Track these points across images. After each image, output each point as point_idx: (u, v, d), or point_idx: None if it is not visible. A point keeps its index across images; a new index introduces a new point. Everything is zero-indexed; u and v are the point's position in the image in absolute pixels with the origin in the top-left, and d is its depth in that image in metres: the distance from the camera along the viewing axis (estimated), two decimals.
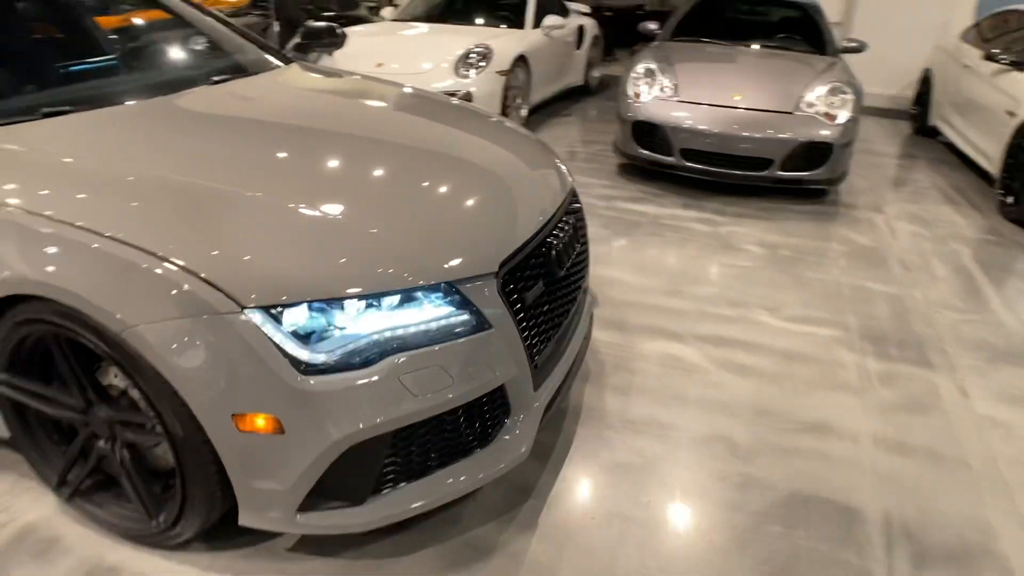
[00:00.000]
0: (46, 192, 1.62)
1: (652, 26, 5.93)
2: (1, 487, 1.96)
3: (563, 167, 2.43)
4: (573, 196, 2.35)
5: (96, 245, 1.49)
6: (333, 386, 1.49)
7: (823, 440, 2.30)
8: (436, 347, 1.61)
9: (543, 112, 6.95)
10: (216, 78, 2.48)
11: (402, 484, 1.69)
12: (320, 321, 1.51)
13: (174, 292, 1.44)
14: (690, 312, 3.10)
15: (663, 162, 4.71)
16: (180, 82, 2.43)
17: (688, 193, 4.69)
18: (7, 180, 1.65)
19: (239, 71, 2.68)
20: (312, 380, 1.48)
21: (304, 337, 1.50)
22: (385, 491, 1.66)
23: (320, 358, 1.50)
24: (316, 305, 1.50)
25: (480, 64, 5.48)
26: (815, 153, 4.41)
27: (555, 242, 2.01)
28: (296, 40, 3.42)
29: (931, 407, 2.50)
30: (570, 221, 2.18)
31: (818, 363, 2.75)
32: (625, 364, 2.68)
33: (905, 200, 4.81)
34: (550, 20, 6.42)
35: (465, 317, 1.66)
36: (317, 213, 1.65)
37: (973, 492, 2.10)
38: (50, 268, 1.51)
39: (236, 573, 1.74)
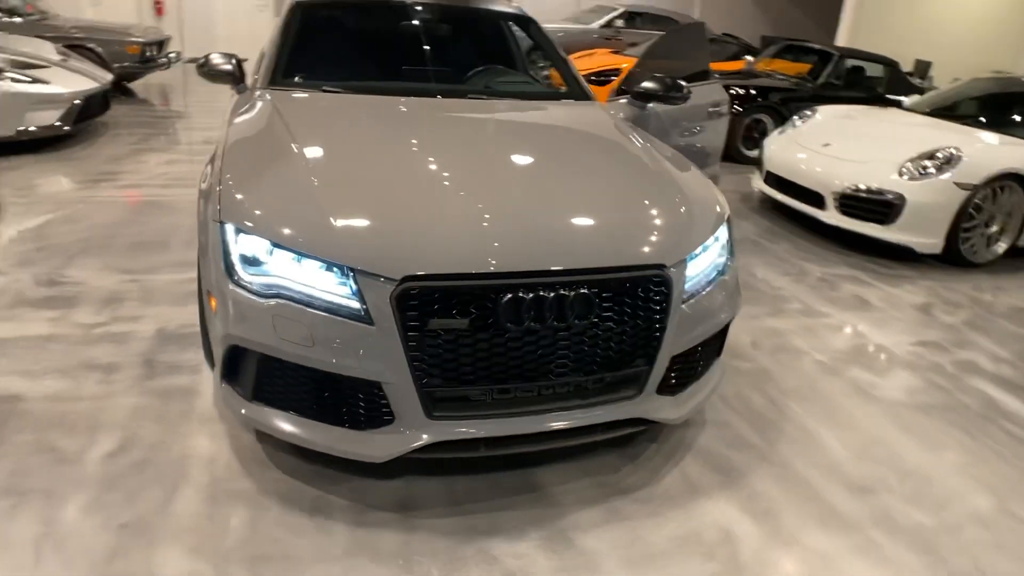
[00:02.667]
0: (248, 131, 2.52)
1: None
2: None
3: (658, 251, 2.12)
4: (646, 282, 2.05)
5: (217, 164, 2.29)
6: (239, 299, 1.95)
7: None
8: (311, 310, 1.88)
9: None
10: (474, 95, 3.09)
11: (278, 408, 2.02)
12: (258, 253, 1.96)
13: (212, 200, 2.11)
14: (846, 518, 2.21)
15: None
16: (454, 92, 3.11)
17: None
18: (313, 124, 2.61)
19: (523, 96, 3.26)
20: (233, 288, 1.96)
21: (246, 259, 1.98)
22: (265, 405, 2.03)
23: (246, 278, 1.97)
24: (262, 243, 1.95)
25: (941, 170, 4.50)
26: None
27: (524, 297, 1.89)
28: (638, 88, 3.66)
29: None
30: (586, 293, 1.94)
31: None
32: (663, 503, 2.20)
33: None
34: None
35: (353, 303, 1.87)
36: (324, 185, 2.07)
37: None
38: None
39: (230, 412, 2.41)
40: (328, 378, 1.94)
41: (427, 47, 3.56)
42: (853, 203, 4.77)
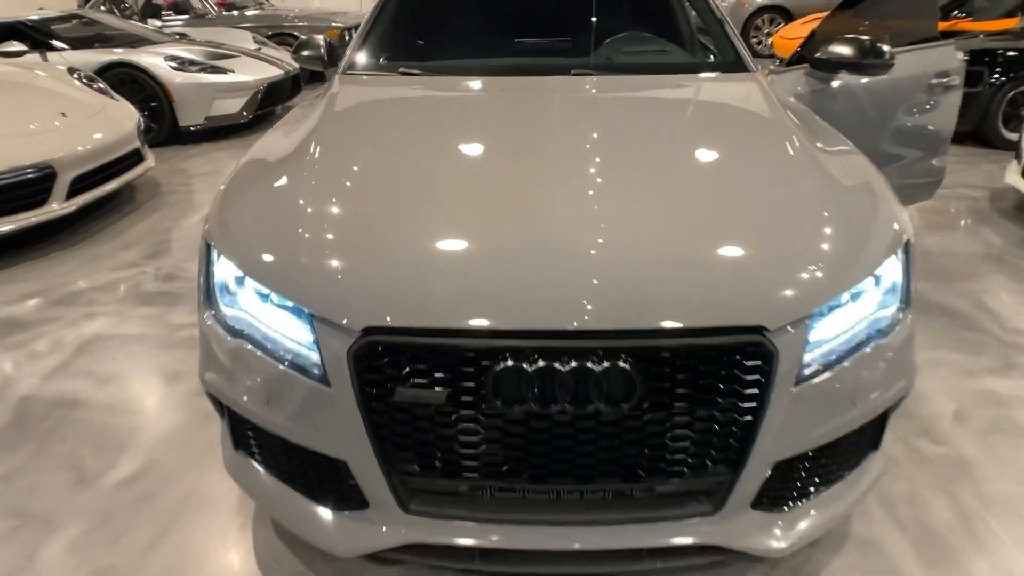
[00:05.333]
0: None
1: None
2: None
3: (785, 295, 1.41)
4: (729, 353, 1.37)
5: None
6: (212, 333, 1.63)
7: None
8: (268, 359, 1.51)
9: None
10: (580, 71, 2.50)
11: (256, 462, 1.70)
12: (229, 281, 1.64)
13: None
14: None
15: None
16: (559, 67, 2.55)
17: None
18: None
19: (655, 69, 2.67)
20: (207, 319, 1.66)
21: (222, 287, 1.66)
22: (245, 455, 1.72)
23: (218, 305, 1.65)
24: (232, 268, 1.61)
25: None
26: None
27: (525, 368, 1.33)
28: (821, 55, 2.77)
29: None
30: (623, 367, 1.32)
31: None
32: None
33: None
34: None
35: (312, 356, 1.47)
36: (314, 206, 1.66)
37: None
38: None
39: None
40: (293, 446, 1.56)
41: (547, 14, 3.00)
42: None
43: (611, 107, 2.30)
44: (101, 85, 4.57)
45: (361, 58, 2.67)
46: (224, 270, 1.64)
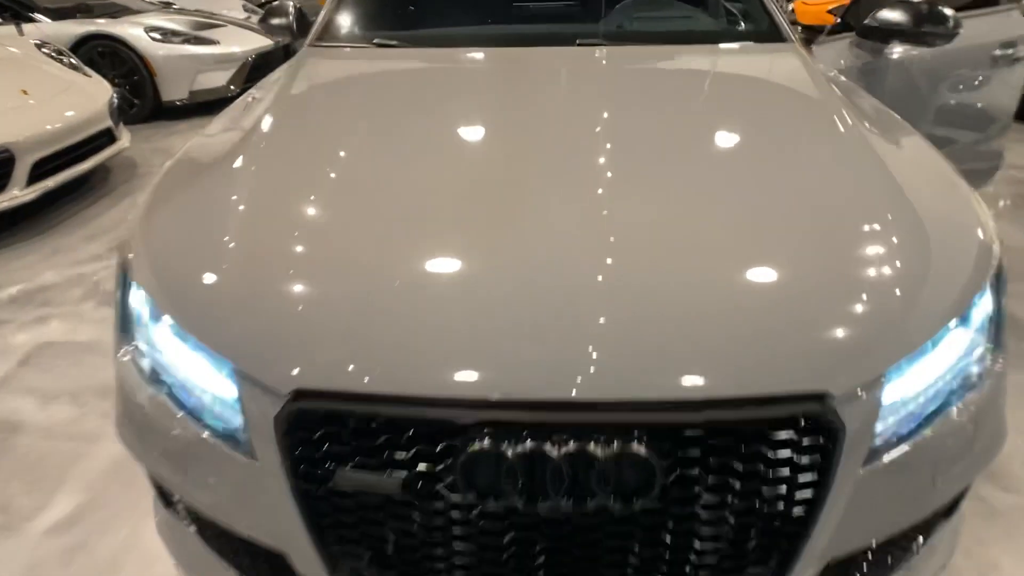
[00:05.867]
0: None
1: None
2: None
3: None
4: (779, 428, 1.02)
5: None
6: (126, 377, 1.31)
7: None
8: (185, 417, 1.19)
9: None
10: (586, 40, 2.13)
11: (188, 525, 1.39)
12: (144, 313, 1.31)
13: None
14: None
15: None
16: (560, 37, 2.18)
17: None
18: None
19: (675, 39, 2.28)
20: (122, 356, 1.34)
21: (138, 317, 1.34)
22: (174, 516, 1.41)
23: (136, 340, 1.32)
24: (144, 297, 1.29)
25: None
26: None
27: (504, 451, 0.99)
28: (871, 21, 2.37)
29: None
30: (639, 453, 0.97)
31: None
32: None
33: None
34: None
35: (236, 419, 1.14)
36: (249, 226, 1.31)
37: None
38: None
39: None
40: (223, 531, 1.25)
41: None
42: None
43: (624, 85, 1.93)
44: (72, 60, 4.22)
45: (332, 27, 2.30)
46: (138, 298, 1.32)
